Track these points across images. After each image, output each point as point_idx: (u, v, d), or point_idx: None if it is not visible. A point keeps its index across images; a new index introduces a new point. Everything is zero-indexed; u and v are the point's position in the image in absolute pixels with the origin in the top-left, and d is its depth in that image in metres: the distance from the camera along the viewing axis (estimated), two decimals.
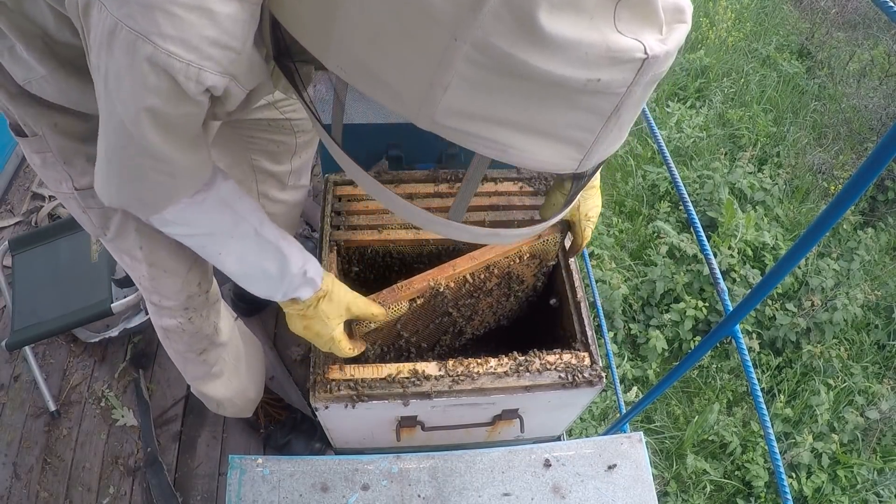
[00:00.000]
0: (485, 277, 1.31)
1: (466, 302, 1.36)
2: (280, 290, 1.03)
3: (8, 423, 1.94)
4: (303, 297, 1.04)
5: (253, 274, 1.02)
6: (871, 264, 3.71)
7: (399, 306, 1.20)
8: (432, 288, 1.22)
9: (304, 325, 1.08)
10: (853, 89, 4.82)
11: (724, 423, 2.98)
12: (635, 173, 4.11)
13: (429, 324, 1.37)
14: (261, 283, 1.04)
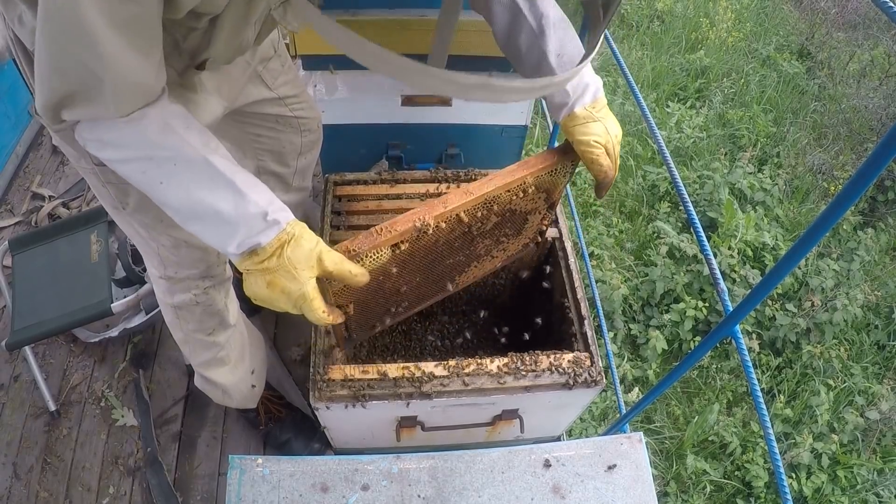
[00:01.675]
0: (482, 216, 1.12)
1: (460, 245, 1.16)
2: (235, 236, 0.86)
3: (8, 423, 1.93)
4: (263, 241, 0.86)
5: (202, 214, 0.86)
6: (871, 264, 3.71)
7: (379, 255, 1.00)
8: (418, 229, 1.01)
9: (266, 282, 0.87)
10: (853, 89, 4.82)
11: (724, 424, 2.98)
12: (635, 173, 4.11)
13: (415, 277, 1.16)
14: (211, 228, 0.87)
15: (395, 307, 1.20)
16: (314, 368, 1.19)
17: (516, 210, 1.18)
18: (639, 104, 1.30)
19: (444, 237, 1.09)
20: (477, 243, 1.19)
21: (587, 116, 1.05)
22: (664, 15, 5.49)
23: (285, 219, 0.88)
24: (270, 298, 0.89)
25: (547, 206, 1.26)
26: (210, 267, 1.35)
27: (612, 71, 4.81)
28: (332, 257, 0.90)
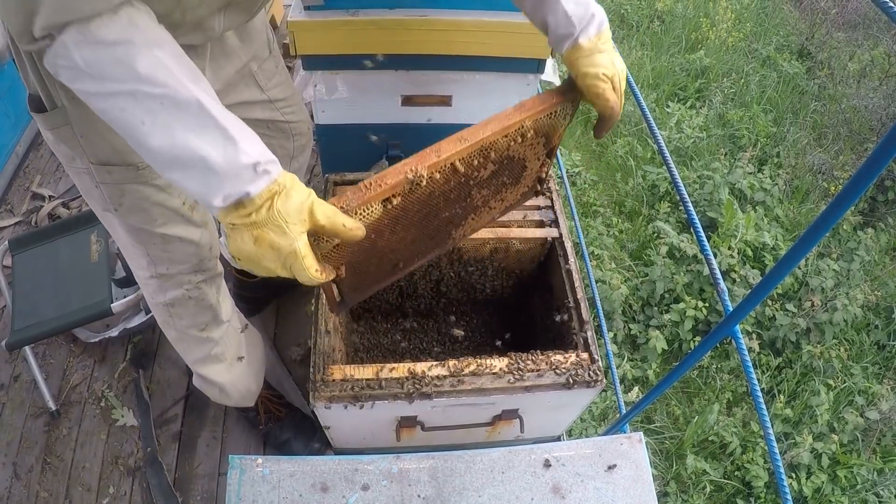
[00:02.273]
0: (479, 164, 1.04)
1: (456, 197, 1.09)
2: (222, 187, 0.78)
3: (8, 423, 1.93)
4: (252, 191, 0.79)
5: (186, 161, 0.78)
6: (871, 265, 3.71)
7: (369, 211, 0.92)
8: (411, 181, 0.94)
9: (254, 237, 0.81)
10: (853, 89, 4.82)
11: (724, 424, 2.98)
12: (635, 173, 4.11)
13: (409, 233, 1.08)
14: (196, 177, 0.79)
15: (390, 266, 1.13)
16: (314, 368, 1.19)
17: (514, 157, 1.11)
18: (639, 104, 1.30)
19: (439, 189, 1.01)
20: (474, 194, 1.12)
21: (593, 48, 0.99)
22: (664, 15, 5.50)
23: (277, 171, 0.81)
24: (257, 256, 0.82)
25: (546, 152, 1.19)
26: (202, 261, 1.35)
27: None
28: (324, 210, 0.83)
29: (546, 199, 1.52)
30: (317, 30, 1.54)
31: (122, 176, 1.11)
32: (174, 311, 1.41)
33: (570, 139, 4.36)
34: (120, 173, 1.11)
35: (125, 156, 1.09)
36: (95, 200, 1.17)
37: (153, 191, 1.16)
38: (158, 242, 1.25)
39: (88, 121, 1.03)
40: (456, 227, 1.18)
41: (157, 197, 1.17)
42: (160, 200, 1.18)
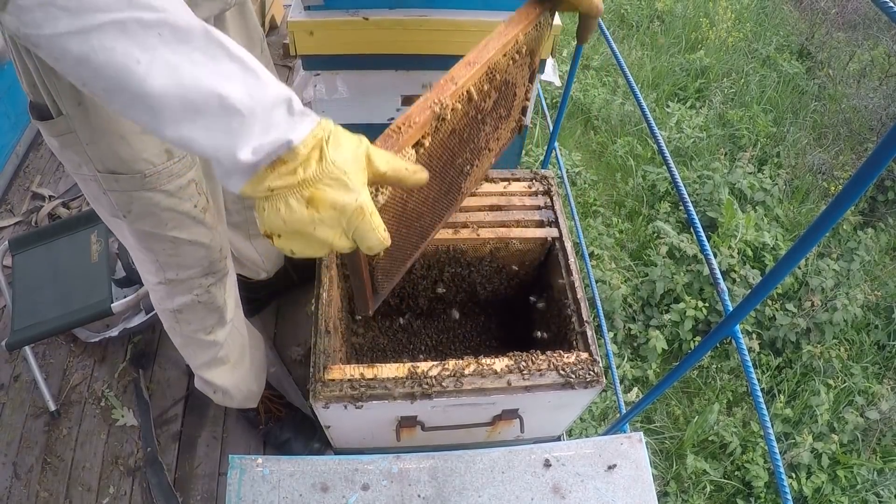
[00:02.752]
0: (486, 90, 1.06)
1: (468, 135, 1.09)
2: (251, 133, 0.62)
3: (8, 423, 1.94)
4: (295, 139, 0.63)
5: (199, 103, 0.60)
6: (871, 265, 3.71)
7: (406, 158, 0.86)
8: (438, 115, 0.90)
9: (307, 199, 0.64)
10: (853, 89, 4.82)
11: (724, 424, 2.98)
12: (635, 173, 4.11)
13: (431, 190, 1.05)
14: (214, 123, 0.61)
15: (415, 237, 1.08)
16: (314, 368, 1.19)
17: (510, 81, 1.12)
18: (639, 104, 1.30)
19: (457, 125, 1.00)
20: (480, 130, 1.12)
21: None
22: (664, 15, 5.50)
23: (312, 114, 0.66)
24: (311, 223, 0.65)
25: (529, 75, 1.23)
26: (213, 263, 1.33)
27: (612, 71, 4.82)
28: (382, 154, 0.69)
29: (546, 199, 1.52)
30: (317, 30, 1.54)
31: (130, 184, 1.10)
32: (181, 317, 1.40)
33: (570, 139, 4.37)
34: (127, 181, 1.09)
35: (131, 164, 1.07)
36: (103, 207, 1.15)
37: (162, 196, 1.14)
38: (168, 247, 1.23)
39: (94, 129, 1.01)
40: (464, 178, 1.17)
41: (166, 202, 1.15)
42: (170, 205, 1.16)
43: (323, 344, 1.23)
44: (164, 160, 1.10)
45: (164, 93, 0.60)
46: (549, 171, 1.58)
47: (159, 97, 0.60)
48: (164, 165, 1.10)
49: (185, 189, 1.16)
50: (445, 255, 1.52)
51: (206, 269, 1.32)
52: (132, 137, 1.04)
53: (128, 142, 1.03)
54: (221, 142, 0.62)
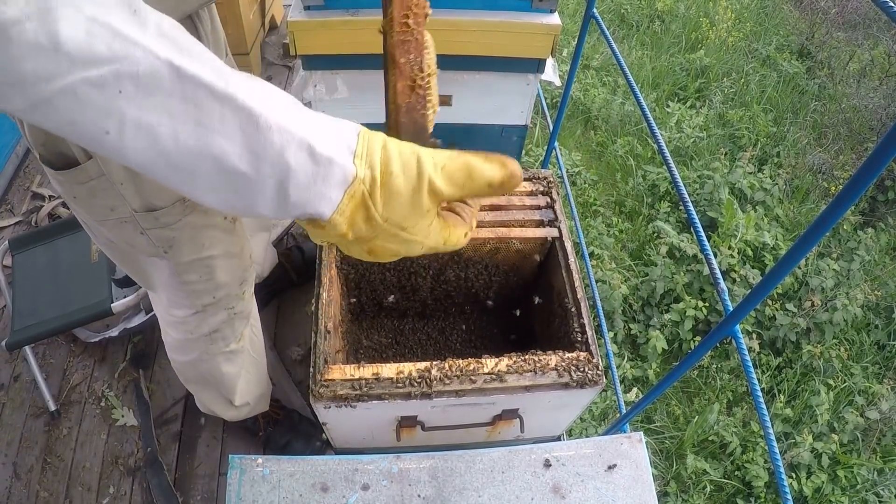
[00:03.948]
0: None
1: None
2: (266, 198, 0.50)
3: (8, 423, 1.94)
4: (327, 212, 0.51)
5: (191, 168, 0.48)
6: (871, 264, 3.71)
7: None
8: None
9: (366, 251, 0.58)
10: (853, 89, 4.82)
11: (724, 423, 2.98)
12: (635, 173, 4.11)
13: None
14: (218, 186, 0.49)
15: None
16: (314, 368, 1.19)
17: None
18: (639, 104, 1.30)
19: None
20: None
21: None
22: (664, 15, 5.50)
23: (346, 152, 0.51)
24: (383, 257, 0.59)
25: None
26: (245, 269, 1.31)
27: (612, 71, 4.82)
28: (452, 176, 0.55)
29: (546, 199, 1.52)
30: (317, 30, 1.54)
31: (171, 216, 1.05)
32: (216, 336, 1.38)
33: (570, 139, 4.37)
34: (168, 214, 1.04)
35: (172, 191, 1.01)
36: (138, 248, 1.10)
37: (198, 217, 1.11)
38: (204, 273, 1.20)
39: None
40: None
41: (202, 221, 1.12)
42: (205, 223, 1.13)
43: (323, 344, 1.23)
44: None
45: (147, 163, 0.48)
46: (549, 171, 1.58)
47: (145, 165, 0.48)
48: None
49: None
50: (445, 255, 1.52)
51: (240, 278, 1.30)
52: None
53: None
54: (236, 204, 0.51)
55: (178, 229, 1.08)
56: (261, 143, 0.48)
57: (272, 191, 0.50)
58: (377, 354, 1.73)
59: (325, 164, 0.50)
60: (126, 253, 1.15)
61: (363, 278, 1.57)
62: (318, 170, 0.50)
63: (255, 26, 3.05)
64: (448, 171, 0.55)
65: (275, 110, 0.49)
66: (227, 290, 1.29)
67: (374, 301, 1.69)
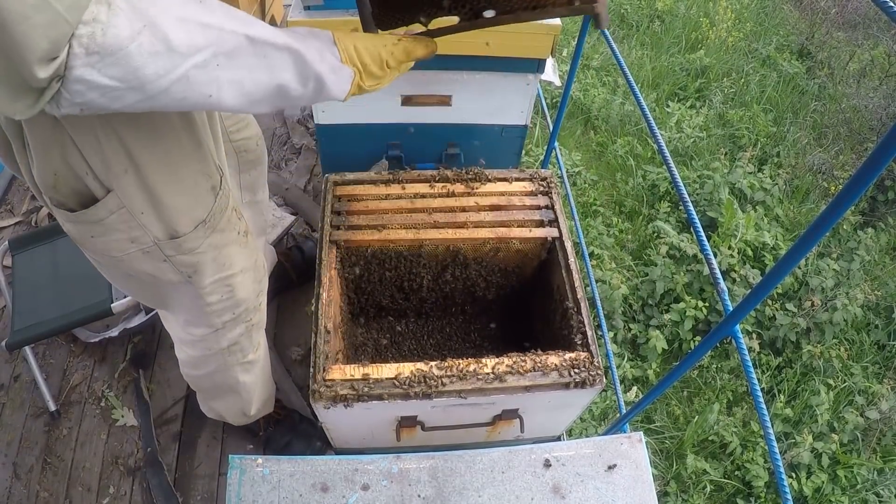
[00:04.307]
0: None
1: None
2: (308, 97, 0.84)
3: (8, 423, 1.93)
4: (342, 96, 0.87)
5: (266, 97, 0.78)
6: (871, 264, 3.71)
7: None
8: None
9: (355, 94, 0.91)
10: (853, 89, 4.82)
11: (724, 423, 2.98)
12: (635, 173, 4.11)
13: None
14: (286, 99, 0.81)
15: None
16: (314, 368, 1.19)
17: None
18: (639, 104, 1.30)
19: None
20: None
21: None
22: (664, 15, 5.49)
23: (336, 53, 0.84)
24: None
25: None
26: (260, 282, 1.32)
27: (612, 71, 4.81)
28: (397, 55, 0.92)
29: (546, 199, 1.52)
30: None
31: (193, 242, 1.06)
32: (234, 349, 1.38)
33: (570, 139, 4.37)
34: (189, 241, 1.05)
35: (191, 214, 1.03)
36: (161, 278, 1.10)
37: (219, 236, 1.12)
38: (224, 291, 1.21)
39: (149, 190, 0.94)
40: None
41: (221, 240, 1.13)
42: (224, 242, 1.14)
43: (323, 344, 1.23)
44: (213, 198, 1.07)
45: (239, 105, 0.74)
46: (549, 171, 1.58)
47: (237, 108, 0.75)
48: (214, 204, 1.07)
49: (230, 220, 1.15)
50: (445, 254, 1.52)
51: (256, 290, 1.31)
52: (187, 183, 0.99)
53: (184, 189, 0.99)
54: (283, 105, 0.82)
55: (200, 253, 1.09)
56: (308, 71, 0.79)
57: (312, 94, 0.83)
58: (377, 354, 1.73)
59: (339, 72, 0.84)
60: (146, 285, 1.15)
61: (363, 278, 1.57)
62: (336, 77, 0.84)
63: None
64: (395, 55, 0.92)
65: (309, 47, 0.79)
66: (247, 305, 1.30)
67: (374, 301, 1.70)
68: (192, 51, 0.64)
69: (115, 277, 1.15)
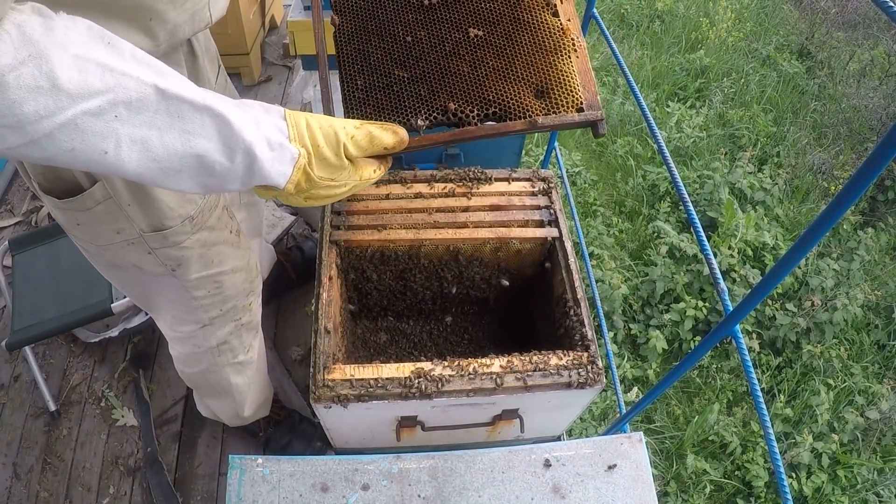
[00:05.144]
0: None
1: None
2: (237, 179, 0.69)
3: (8, 423, 1.94)
4: (281, 182, 0.72)
5: (179, 167, 0.63)
6: (871, 264, 3.71)
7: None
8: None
9: (304, 199, 0.78)
10: (853, 89, 4.82)
11: (724, 423, 2.98)
12: (635, 173, 4.11)
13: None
14: (200, 178, 0.66)
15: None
16: (314, 368, 1.19)
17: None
18: (639, 104, 1.30)
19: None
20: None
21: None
22: (664, 15, 5.49)
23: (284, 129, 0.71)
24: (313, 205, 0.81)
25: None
26: (252, 281, 1.32)
27: (612, 71, 4.81)
28: (358, 143, 0.78)
29: (546, 199, 1.52)
30: None
31: (179, 235, 1.05)
32: (224, 348, 1.38)
33: (570, 139, 4.36)
34: (176, 234, 1.05)
35: (178, 210, 1.02)
36: (145, 269, 1.09)
37: (207, 233, 1.11)
38: (212, 287, 1.20)
39: (135, 184, 0.93)
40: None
41: (211, 238, 1.12)
42: (214, 240, 1.13)
43: (323, 344, 1.23)
44: (203, 195, 1.06)
45: (142, 169, 0.61)
46: (549, 171, 1.58)
47: (140, 174, 0.62)
48: (204, 201, 1.07)
49: (221, 218, 1.14)
50: (445, 254, 1.52)
51: (247, 290, 1.31)
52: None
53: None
54: (211, 185, 0.69)
55: (186, 248, 1.08)
56: (234, 140, 0.65)
57: (242, 173, 0.68)
58: (377, 354, 1.73)
59: (279, 149, 0.70)
60: (131, 275, 1.14)
61: (363, 278, 1.57)
62: (275, 154, 0.70)
63: (255, 26, 3.05)
64: (356, 140, 0.78)
65: (238, 113, 0.66)
66: (235, 302, 1.29)
67: (374, 301, 1.69)
68: (84, 93, 0.54)
69: (101, 266, 1.14)
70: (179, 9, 0.82)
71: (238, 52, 2.89)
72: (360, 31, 0.99)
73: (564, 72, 0.99)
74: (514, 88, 0.96)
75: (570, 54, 1.01)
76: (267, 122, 0.70)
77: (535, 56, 1.00)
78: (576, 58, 1.01)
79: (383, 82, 0.95)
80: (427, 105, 0.93)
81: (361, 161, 0.81)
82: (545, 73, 0.98)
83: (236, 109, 0.67)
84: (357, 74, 0.96)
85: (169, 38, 0.84)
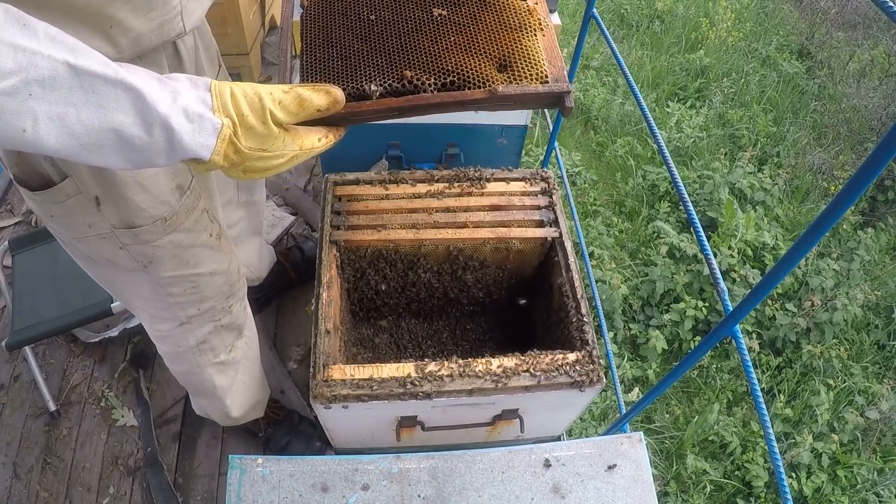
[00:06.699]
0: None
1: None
2: (161, 151, 0.67)
3: (8, 423, 1.94)
4: (206, 155, 0.69)
5: (98, 142, 0.63)
6: (871, 264, 3.71)
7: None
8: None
9: (242, 171, 0.75)
10: (853, 89, 4.82)
11: (724, 423, 2.98)
12: (635, 173, 4.11)
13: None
14: (122, 152, 0.66)
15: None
16: (314, 368, 1.19)
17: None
18: (639, 104, 1.30)
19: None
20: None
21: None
22: (664, 15, 5.49)
23: (207, 100, 0.69)
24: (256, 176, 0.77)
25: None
26: (232, 284, 1.31)
27: (612, 71, 4.81)
28: (287, 107, 0.73)
29: (546, 199, 1.52)
30: None
31: (151, 234, 1.05)
32: (204, 347, 1.37)
33: (570, 139, 4.37)
34: (147, 232, 1.05)
35: (150, 210, 1.02)
36: (118, 264, 1.09)
37: (183, 235, 1.10)
38: (188, 287, 1.19)
39: (108, 181, 0.94)
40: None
41: (187, 240, 1.12)
42: (190, 242, 1.13)
43: (323, 344, 1.23)
44: (178, 197, 1.05)
45: (62, 146, 0.62)
46: (548, 171, 1.58)
47: (60, 150, 0.62)
48: (179, 203, 1.06)
49: (199, 221, 1.13)
50: (445, 254, 1.52)
51: (226, 293, 1.30)
52: (148, 181, 0.99)
53: (144, 187, 0.98)
54: (138, 160, 0.67)
55: (158, 247, 1.08)
56: (150, 113, 0.64)
57: (164, 146, 0.66)
58: (377, 354, 1.73)
59: (198, 121, 0.67)
60: (106, 269, 1.14)
61: (363, 278, 1.57)
62: (194, 126, 0.67)
63: (255, 26, 3.05)
64: (283, 104, 0.74)
65: (154, 86, 0.65)
66: (213, 303, 1.28)
67: (374, 301, 1.70)
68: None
69: (77, 257, 1.14)
70: (142, 17, 0.81)
71: (238, 52, 2.89)
72: (325, 11, 1.00)
73: (529, 46, 0.96)
74: (475, 60, 0.93)
75: (536, 32, 0.99)
76: (188, 94, 0.68)
77: (499, 33, 0.97)
78: (542, 36, 0.99)
79: (342, 53, 0.94)
80: (383, 73, 0.90)
81: (301, 129, 0.77)
82: (509, 48, 0.95)
83: (153, 83, 0.66)
84: (317, 48, 0.95)
85: (132, 47, 0.83)
